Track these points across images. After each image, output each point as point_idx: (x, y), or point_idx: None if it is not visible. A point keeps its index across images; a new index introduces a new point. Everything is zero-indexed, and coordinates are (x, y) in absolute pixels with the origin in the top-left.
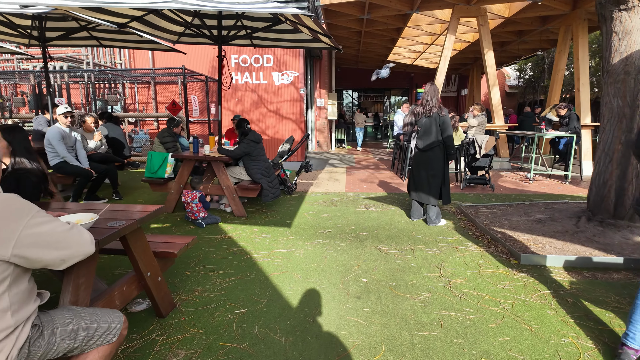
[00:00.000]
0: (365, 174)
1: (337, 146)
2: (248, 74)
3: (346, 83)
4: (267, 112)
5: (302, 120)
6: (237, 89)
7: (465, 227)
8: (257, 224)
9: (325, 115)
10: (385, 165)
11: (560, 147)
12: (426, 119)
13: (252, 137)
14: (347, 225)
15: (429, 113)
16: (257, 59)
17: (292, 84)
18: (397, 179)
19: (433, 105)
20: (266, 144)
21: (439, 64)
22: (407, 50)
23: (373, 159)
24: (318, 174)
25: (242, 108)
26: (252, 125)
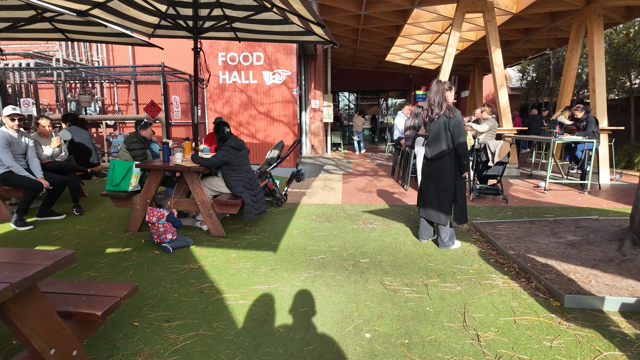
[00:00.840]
0: (363, 182)
1: (333, 150)
2: (236, 72)
3: (342, 84)
4: (257, 114)
5: (294, 123)
6: (225, 89)
7: (484, 251)
8: (236, 247)
9: (320, 118)
10: (385, 171)
11: (578, 153)
12: (434, 123)
13: (233, 143)
14: (344, 249)
15: (436, 115)
16: (247, 56)
17: (284, 84)
18: (398, 187)
19: (441, 106)
20: (256, 148)
21: (442, 62)
22: (406, 50)
23: (371, 164)
24: (312, 182)
25: (230, 110)
26: (240, 129)
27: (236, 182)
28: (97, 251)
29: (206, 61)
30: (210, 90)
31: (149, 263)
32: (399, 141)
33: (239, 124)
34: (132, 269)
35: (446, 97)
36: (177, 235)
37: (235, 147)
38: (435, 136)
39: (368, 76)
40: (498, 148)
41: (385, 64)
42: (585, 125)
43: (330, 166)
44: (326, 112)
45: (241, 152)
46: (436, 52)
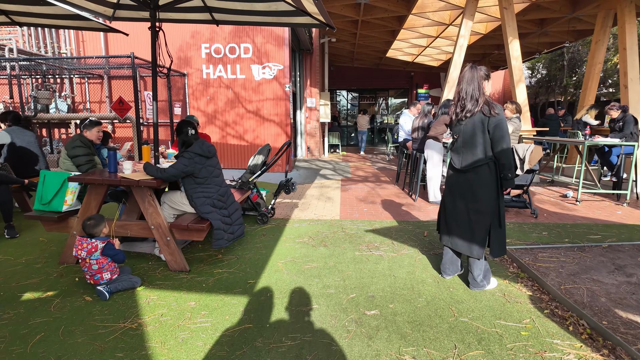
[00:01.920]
0: (364, 190)
1: (331, 152)
2: (222, 66)
3: (340, 82)
4: (246, 112)
5: (287, 122)
6: (209, 85)
7: (532, 294)
8: (199, 288)
9: (316, 117)
10: (388, 176)
11: (613, 158)
12: (466, 122)
13: (199, 148)
14: (344, 291)
15: (469, 113)
16: (233, 48)
17: (276, 79)
18: (405, 197)
19: (476, 101)
20: (244, 151)
21: (453, 55)
22: (409, 45)
23: (372, 168)
24: (306, 190)
25: (215, 108)
26: (226, 129)
27: (202, 200)
28: (8, 297)
29: (167, 44)
30: (193, 86)
31: (71, 319)
32: (405, 144)
33: (225, 123)
34: (43, 331)
35: (483, 88)
36: (119, 273)
37: (202, 154)
38: (468, 140)
39: (367, 74)
40: (528, 153)
41: (386, 61)
42: (622, 126)
43: (327, 170)
44: (323, 111)
45: (210, 160)
46: (441, 46)
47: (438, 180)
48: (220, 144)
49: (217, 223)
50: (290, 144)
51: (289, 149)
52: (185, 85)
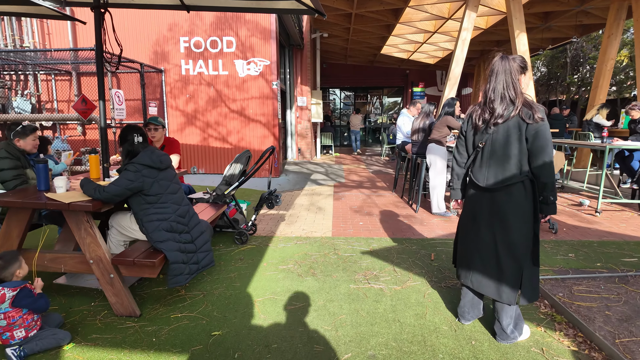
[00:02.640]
0: (359, 198)
1: (323, 153)
2: (203, 62)
3: (333, 80)
4: (229, 112)
5: (275, 123)
6: (189, 82)
7: (579, 352)
8: (146, 347)
9: (308, 117)
10: (384, 182)
11: (635, 164)
12: (497, 129)
13: (147, 158)
14: (336, 346)
15: (500, 117)
16: (215, 42)
17: (262, 76)
18: (405, 207)
19: (512, 101)
20: (227, 155)
21: (454, 50)
22: (404, 41)
23: (367, 171)
24: (295, 198)
25: (195, 107)
26: (208, 130)
27: (155, 224)
28: None
29: (115, 29)
30: (171, 83)
31: None
32: (403, 147)
33: (206, 124)
34: None
35: (520, 85)
36: (41, 327)
37: (152, 166)
38: (499, 151)
39: (361, 71)
40: None
41: (381, 58)
42: None
43: (319, 174)
44: (315, 111)
45: (164, 172)
46: (438, 42)
47: (442, 189)
48: (201, 146)
49: (174, 255)
50: (274, 149)
51: (273, 155)
52: (163, 82)
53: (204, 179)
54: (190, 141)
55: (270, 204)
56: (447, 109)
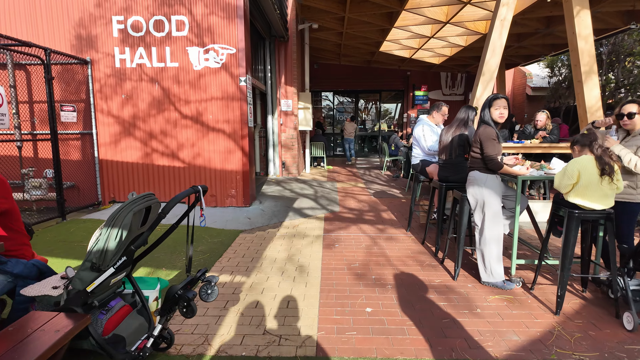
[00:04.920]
0: (361, 244)
1: (314, 166)
2: (144, 50)
3: (326, 83)
4: (180, 118)
5: (244, 133)
6: (125, 78)
7: None
8: None
9: (294, 124)
10: (392, 210)
11: None
12: None
13: None
14: None
15: None
16: (160, 22)
17: (226, 69)
18: (432, 264)
19: None
20: (177, 178)
21: (490, 34)
22: (408, 35)
23: (366, 192)
24: (265, 246)
25: (134, 111)
26: (152, 143)
27: None
28: None
29: None
30: (100, 79)
31: None
32: (424, 168)
33: (150, 134)
34: None
35: None
36: None
37: None
38: None
39: (357, 73)
40: None
41: (379, 57)
42: None
43: (305, 200)
44: (303, 117)
45: None
46: (447, 37)
47: (499, 247)
48: (143, 165)
49: None
50: (198, 194)
51: (201, 203)
52: (89, 77)
53: None
54: (127, 157)
55: (185, 309)
56: (483, 116)
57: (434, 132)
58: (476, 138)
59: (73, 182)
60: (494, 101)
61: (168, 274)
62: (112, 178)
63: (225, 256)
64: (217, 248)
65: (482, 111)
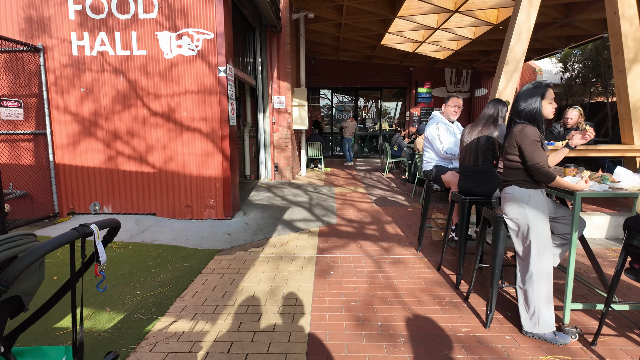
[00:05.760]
0: (363, 271)
1: (310, 168)
2: (106, 35)
3: (324, 80)
4: (149, 116)
5: (224, 133)
6: (84, 68)
7: None
8: None
9: (287, 123)
10: (398, 222)
11: None
12: None
13: None
14: None
15: None
16: (124, 2)
17: (202, 57)
18: (454, 302)
19: None
20: (147, 185)
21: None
22: (412, 27)
23: (367, 198)
24: (244, 273)
25: (96, 108)
26: (116, 144)
27: None
28: None
29: None
30: (55, 70)
31: None
32: (438, 176)
33: (114, 134)
34: None
35: None
36: None
37: None
38: None
39: (356, 69)
40: None
41: (380, 52)
42: None
43: (298, 209)
44: (297, 115)
45: None
46: (454, 29)
47: (549, 284)
48: (106, 170)
49: None
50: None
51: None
52: (42, 68)
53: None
54: (88, 162)
55: None
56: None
57: (450, 132)
58: (512, 140)
59: (25, 191)
60: (548, 91)
61: (110, 319)
62: (70, 185)
63: (192, 289)
64: (183, 276)
65: (523, 103)
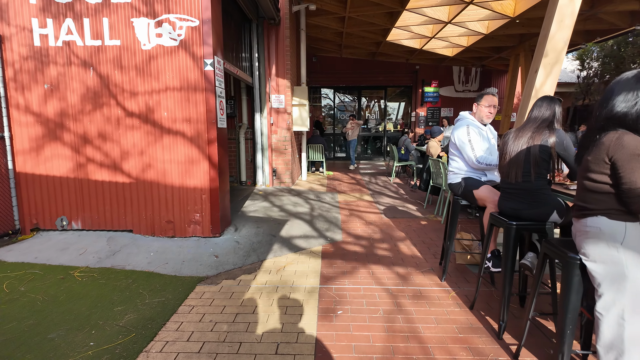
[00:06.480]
0: (377, 307)
1: (312, 171)
2: (73, 22)
3: (324, 78)
4: (124, 116)
5: (211, 137)
6: (48, 61)
7: None
8: None
9: (287, 124)
10: (411, 238)
11: None
12: None
13: None
14: None
15: None
16: None
17: (185, 48)
18: (497, 356)
19: None
20: (121, 196)
21: (558, 0)
22: (421, 21)
23: (375, 207)
24: (234, 308)
25: (62, 107)
26: (85, 149)
27: None
28: None
29: None
30: (14, 63)
31: None
32: (468, 191)
33: (84, 138)
34: None
35: None
36: None
37: None
38: None
39: (360, 67)
40: None
41: (385, 49)
42: None
43: (297, 222)
44: (297, 115)
45: None
46: (466, 23)
47: None
48: (75, 180)
49: None
50: None
51: None
52: None
53: (78, 242)
54: (54, 170)
55: None
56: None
57: (483, 137)
58: (602, 154)
59: None
60: None
61: None
62: (34, 197)
63: (161, 337)
64: (153, 317)
65: (621, 102)
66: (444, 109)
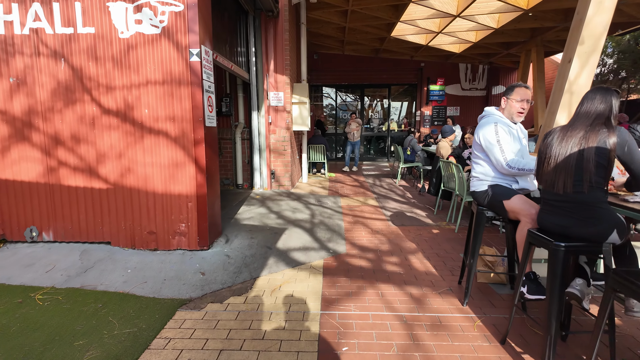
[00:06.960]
0: (390, 340)
1: (313, 173)
2: (41, 6)
3: (326, 76)
4: (100, 114)
5: (198, 136)
6: (13, 51)
7: None
8: None
9: (286, 124)
10: (424, 249)
11: None
12: None
13: None
14: None
15: None
16: None
17: (168, 37)
18: None
19: None
20: (97, 203)
21: None
22: (428, 14)
23: (381, 213)
24: (217, 342)
25: (31, 103)
26: (57, 153)
27: None
28: None
29: None
30: None
31: None
32: (497, 201)
33: (55, 139)
34: None
35: None
36: None
37: None
38: None
39: (362, 64)
40: None
41: (389, 45)
42: None
43: (296, 232)
44: (297, 113)
45: None
46: (476, 17)
47: None
48: (45, 186)
49: None
50: None
51: None
52: None
53: (47, 257)
54: (21, 174)
55: None
56: None
57: (514, 137)
58: None
59: None
60: None
61: None
62: (0, 205)
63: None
64: (119, 356)
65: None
66: (450, 108)
